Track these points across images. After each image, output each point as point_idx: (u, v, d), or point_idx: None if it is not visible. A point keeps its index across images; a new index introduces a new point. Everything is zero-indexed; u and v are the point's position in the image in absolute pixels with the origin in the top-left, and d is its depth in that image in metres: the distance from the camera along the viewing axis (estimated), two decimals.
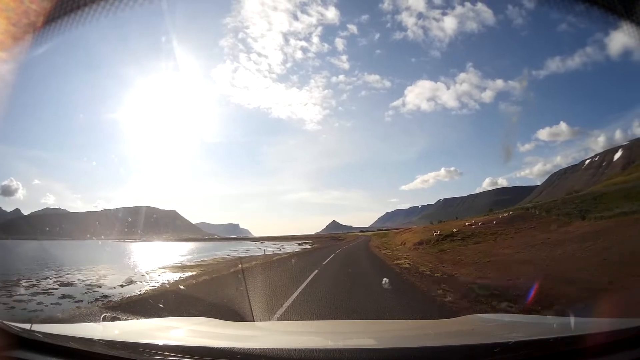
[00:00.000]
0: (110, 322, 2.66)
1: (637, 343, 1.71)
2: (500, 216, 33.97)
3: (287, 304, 7.46)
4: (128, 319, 2.87)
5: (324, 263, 18.37)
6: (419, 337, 2.53)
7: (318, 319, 6.28)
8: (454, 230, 30.54)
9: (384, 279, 9.63)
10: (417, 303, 8.00)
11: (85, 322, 5.18)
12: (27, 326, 1.93)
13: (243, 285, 9.88)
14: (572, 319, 2.29)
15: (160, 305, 8.41)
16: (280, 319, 6.22)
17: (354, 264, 18.47)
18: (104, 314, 2.73)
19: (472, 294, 8.86)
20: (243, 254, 35.65)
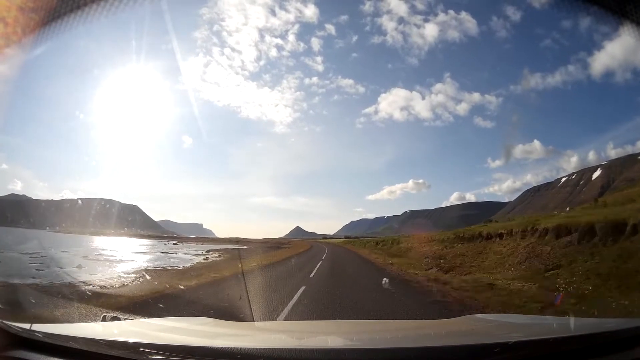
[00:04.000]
0: (110, 322, 2.64)
1: (637, 343, 1.73)
2: None
3: None
4: (128, 319, 2.84)
5: None
6: (419, 337, 2.54)
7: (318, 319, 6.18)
8: None
9: None
10: None
11: (84, 322, 4.96)
12: (27, 326, 1.92)
13: None
14: (572, 319, 2.33)
15: None
16: None
17: None
18: (104, 314, 2.70)
19: None
20: None
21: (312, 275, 14.55)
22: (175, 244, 52.22)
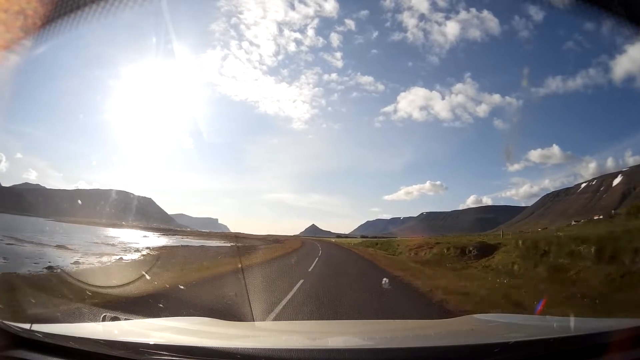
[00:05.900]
0: (110, 322, 2.64)
1: (637, 343, 1.71)
2: None
3: None
4: (128, 319, 2.85)
5: None
6: (419, 337, 2.54)
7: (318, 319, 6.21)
8: None
9: None
10: None
11: (84, 321, 5.03)
12: (27, 326, 1.93)
13: None
14: (572, 319, 2.30)
15: None
16: None
17: None
18: (104, 314, 2.70)
19: None
20: None
21: None
22: (144, 236, 48.50)
